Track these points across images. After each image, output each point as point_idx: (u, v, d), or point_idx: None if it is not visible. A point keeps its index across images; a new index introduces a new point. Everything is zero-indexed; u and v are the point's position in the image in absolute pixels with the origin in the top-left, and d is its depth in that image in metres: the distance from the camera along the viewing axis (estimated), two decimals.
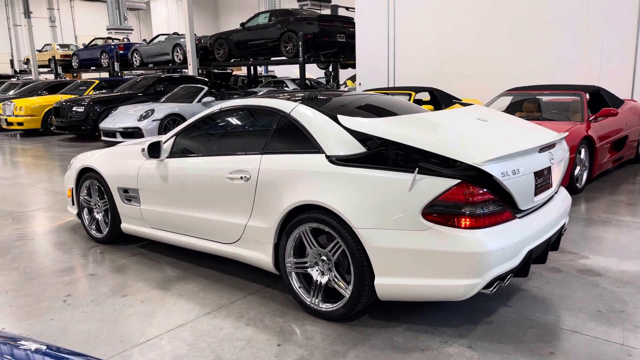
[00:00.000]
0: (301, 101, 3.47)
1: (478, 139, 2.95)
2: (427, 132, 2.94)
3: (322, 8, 17.44)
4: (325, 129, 3.17)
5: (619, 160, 7.10)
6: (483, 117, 3.36)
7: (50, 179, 7.76)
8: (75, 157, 4.89)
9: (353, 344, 2.81)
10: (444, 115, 3.42)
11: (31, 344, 1.44)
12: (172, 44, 17.37)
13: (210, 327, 3.05)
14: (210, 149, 3.79)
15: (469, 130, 3.10)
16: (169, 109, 10.83)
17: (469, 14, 10.89)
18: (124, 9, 25.28)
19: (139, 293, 3.56)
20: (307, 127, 3.24)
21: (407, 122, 3.10)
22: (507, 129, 3.27)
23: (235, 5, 34.97)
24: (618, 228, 4.74)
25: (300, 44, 12.82)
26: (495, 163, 2.67)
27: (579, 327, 2.94)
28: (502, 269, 2.67)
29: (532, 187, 2.91)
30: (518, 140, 3.03)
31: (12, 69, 31.55)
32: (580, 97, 6.64)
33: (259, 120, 3.63)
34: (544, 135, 3.24)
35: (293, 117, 3.35)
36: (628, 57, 9.14)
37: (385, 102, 3.85)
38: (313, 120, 3.25)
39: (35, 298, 3.52)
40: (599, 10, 9.29)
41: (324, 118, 3.23)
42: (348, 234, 2.85)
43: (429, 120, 3.22)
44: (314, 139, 3.17)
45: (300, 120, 3.30)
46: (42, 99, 14.25)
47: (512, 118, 3.59)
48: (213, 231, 3.64)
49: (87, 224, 4.73)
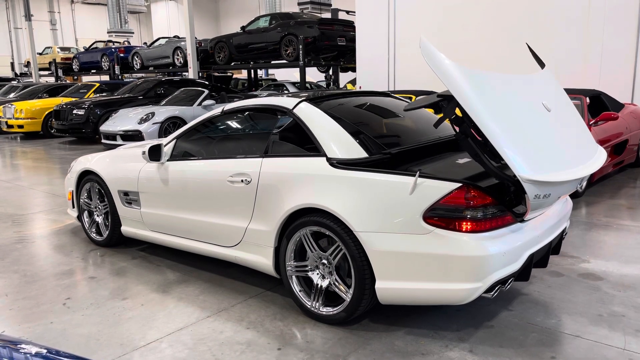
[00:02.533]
0: (305, 99, 3.46)
1: (542, 145, 2.68)
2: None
3: (322, 12, 17.49)
4: (327, 128, 3.16)
5: (619, 164, 7.10)
6: (548, 105, 2.92)
7: (50, 182, 7.76)
8: (76, 160, 4.89)
9: (354, 347, 2.80)
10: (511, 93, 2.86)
11: (31, 347, 1.44)
12: (173, 47, 17.41)
13: (211, 330, 3.04)
14: (211, 152, 3.80)
15: (534, 125, 2.75)
16: (169, 112, 10.84)
17: (469, 18, 10.90)
18: (124, 12, 25.34)
19: (139, 296, 3.55)
20: (309, 125, 3.23)
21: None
22: (569, 134, 2.97)
23: (236, 8, 35.04)
24: (619, 232, 4.73)
25: (300, 48, 12.84)
26: (537, 186, 2.50)
27: (580, 331, 2.93)
28: (503, 273, 2.66)
29: (548, 205, 2.86)
30: (576, 159, 2.79)
31: (12, 72, 31.60)
32: (581, 101, 6.64)
33: (260, 122, 3.63)
34: (595, 162, 2.94)
35: (295, 115, 3.34)
36: (628, 61, 9.15)
37: (387, 104, 3.85)
38: (316, 119, 3.24)
39: (35, 301, 3.51)
40: (599, 14, 9.31)
41: (326, 118, 3.22)
42: (349, 238, 2.85)
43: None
44: (315, 139, 3.17)
45: (302, 118, 3.29)
46: (42, 102, 14.26)
47: (572, 114, 3.17)
48: (213, 234, 3.64)
49: (87, 227, 4.72)
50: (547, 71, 3.25)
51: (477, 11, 10.81)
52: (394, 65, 12.39)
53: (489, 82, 2.68)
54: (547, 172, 2.55)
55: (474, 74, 2.60)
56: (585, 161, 2.90)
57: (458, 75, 2.53)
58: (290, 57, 13.53)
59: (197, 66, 15.99)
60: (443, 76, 2.54)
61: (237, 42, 14.97)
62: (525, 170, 2.45)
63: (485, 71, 2.72)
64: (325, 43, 13.30)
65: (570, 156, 2.82)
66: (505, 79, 2.82)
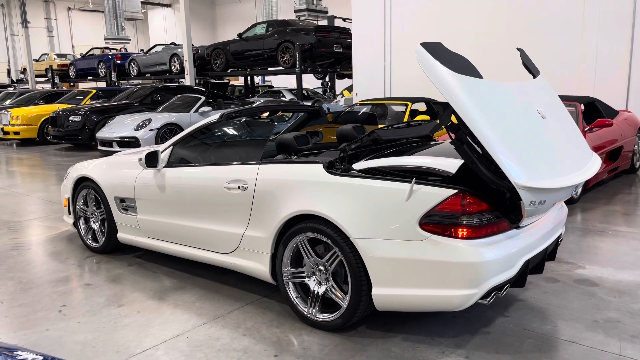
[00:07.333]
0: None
1: (537, 151, 2.70)
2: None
3: (319, 19, 17.55)
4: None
5: (614, 171, 7.13)
6: (542, 112, 2.94)
7: (46, 189, 7.74)
8: (72, 167, 4.88)
9: (350, 354, 2.80)
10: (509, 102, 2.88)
11: (27, 354, 1.43)
12: (170, 54, 17.44)
13: (207, 337, 3.03)
14: (207, 158, 3.80)
15: (529, 132, 2.78)
16: (166, 118, 10.84)
17: (465, 24, 10.97)
18: (121, 19, 25.34)
19: (135, 303, 3.54)
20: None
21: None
22: (564, 141, 3.00)
23: (233, 15, 35.13)
24: (614, 238, 4.75)
25: (297, 55, 12.89)
26: (532, 193, 2.52)
27: (575, 337, 2.94)
28: (499, 279, 2.67)
29: (543, 211, 2.88)
30: (571, 166, 2.82)
31: (9, 78, 31.57)
32: (576, 108, 6.68)
33: (256, 129, 3.64)
34: (590, 169, 2.96)
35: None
36: (622, 68, 9.22)
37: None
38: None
39: (31, 308, 3.50)
40: (594, 21, 9.38)
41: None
42: (345, 244, 2.85)
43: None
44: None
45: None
46: (38, 109, 14.24)
47: (566, 121, 3.19)
48: (210, 241, 3.63)
49: (83, 234, 4.71)
50: (542, 78, 3.27)
51: (472, 18, 10.88)
52: (390, 72, 12.44)
53: (484, 89, 2.70)
54: (543, 178, 2.56)
55: (469, 81, 2.62)
56: (580, 168, 2.91)
57: (453, 82, 2.55)
58: (286, 64, 13.57)
59: (193, 73, 16.01)
60: (438, 83, 2.56)
61: (234, 49, 15.01)
62: (520, 177, 2.46)
63: (481, 78, 2.75)
64: (322, 50, 13.36)
65: (565, 163, 2.84)
66: (500, 86, 2.84)
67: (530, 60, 3.29)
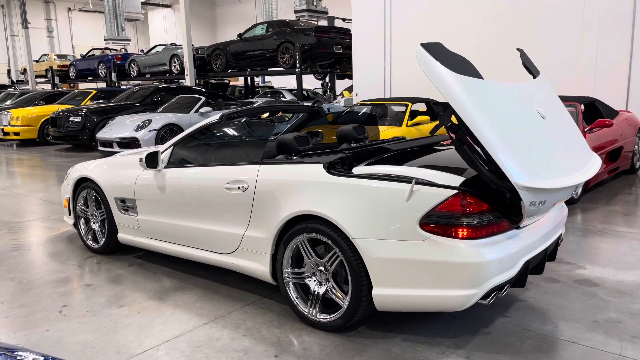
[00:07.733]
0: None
1: (538, 152, 2.71)
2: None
3: (319, 19, 17.55)
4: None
5: (614, 171, 7.13)
6: (542, 112, 2.94)
7: (46, 189, 7.74)
8: (72, 167, 4.88)
9: (350, 354, 2.80)
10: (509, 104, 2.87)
11: (28, 354, 1.43)
12: (170, 55, 17.43)
13: (207, 338, 3.04)
14: (207, 159, 3.80)
15: (529, 132, 2.78)
16: (166, 119, 10.84)
17: (465, 24, 10.97)
18: (121, 19, 25.35)
19: (136, 303, 3.55)
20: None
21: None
22: (564, 141, 2.99)
23: (233, 16, 35.14)
24: (614, 238, 4.75)
25: (297, 55, 12.89)
26: (532, 193, 2.53)
27: (576, 337, 2.94)
28: (500, 280, 2.67)
29: (543, 211, 2.88)
30: (571, 166, 2.82)
31: (9, 79, 31.56)
32: (576, 108, 6.68)
33: (256, 130, 3.64)
34: (590, 169, 2.96)
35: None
36: (622, 69, 9.21)
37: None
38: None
39: (31, 309, 3.50)
40: (593, 21, 9.38)
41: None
42: (346, 244, 2.85)
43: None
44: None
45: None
46: (39, 109, 14.24)
47: (567, 121, 3.20)
48: (210, 241, 3.64)
49: (83, 234, 4.71)
50: (542, 78, 3.27)
51: (472, 18, 10.88)
52: (390, 72, 12.44)
53: (484, 89, 2.70)
54: (543, 179, 2.56)
55: (469, 82, 2.62)
56: (581, 168, 2.91)
57: (453, 82, 2.55)
58: (286, 64, 13.57)
59: (194, 73, 16.01)
60: (438, 83, 2.56)
61: (234, 50, 15.00)
62: (521, 177, 2.47)
63: (481, 78, 2.75)
64: (322, 50, 13.35)
65: (565, 163, 2.84)
66: (500, 86, 2.84)
67: (530, 60, 3.29)
